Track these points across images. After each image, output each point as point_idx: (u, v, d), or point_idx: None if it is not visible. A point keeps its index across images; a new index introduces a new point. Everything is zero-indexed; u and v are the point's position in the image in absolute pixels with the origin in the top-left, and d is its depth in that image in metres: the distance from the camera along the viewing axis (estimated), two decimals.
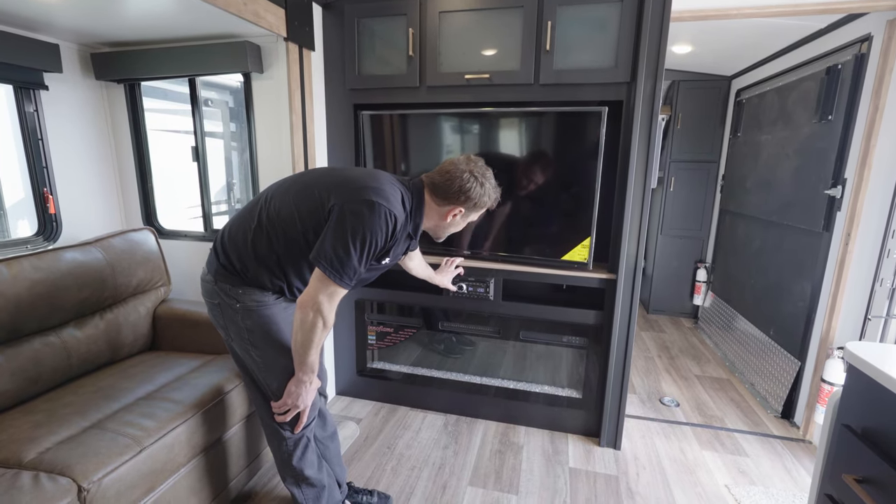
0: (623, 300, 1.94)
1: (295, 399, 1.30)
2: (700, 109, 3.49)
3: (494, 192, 1.38)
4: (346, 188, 1.22)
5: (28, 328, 1.53)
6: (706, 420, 2.32)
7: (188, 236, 2.25)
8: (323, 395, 1.58)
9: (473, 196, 1.31)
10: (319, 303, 1.17)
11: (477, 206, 1.35)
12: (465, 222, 1.41)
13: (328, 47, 2.11)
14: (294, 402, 1.30)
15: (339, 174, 1.30)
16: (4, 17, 1.61)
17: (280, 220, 1.25)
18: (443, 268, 1.96)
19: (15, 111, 1.87)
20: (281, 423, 1.37)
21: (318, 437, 1.54)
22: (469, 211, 1.36)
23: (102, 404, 1.44)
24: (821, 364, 2.07)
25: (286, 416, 1.34)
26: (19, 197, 2.15)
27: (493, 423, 2.25)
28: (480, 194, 1.33)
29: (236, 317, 1.30)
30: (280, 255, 1.27)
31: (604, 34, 1.83)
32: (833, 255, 2.07)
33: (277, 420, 1.35)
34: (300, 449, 1.42)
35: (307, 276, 1.28)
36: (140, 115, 2.19)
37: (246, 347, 1.33)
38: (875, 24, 1.89)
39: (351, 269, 1.16)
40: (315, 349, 1.22)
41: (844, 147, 2.03)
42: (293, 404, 1.31)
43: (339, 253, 1.15)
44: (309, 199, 1.24)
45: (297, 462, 1.42)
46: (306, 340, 1.20)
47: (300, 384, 1.28)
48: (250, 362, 1.36)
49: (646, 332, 3.51)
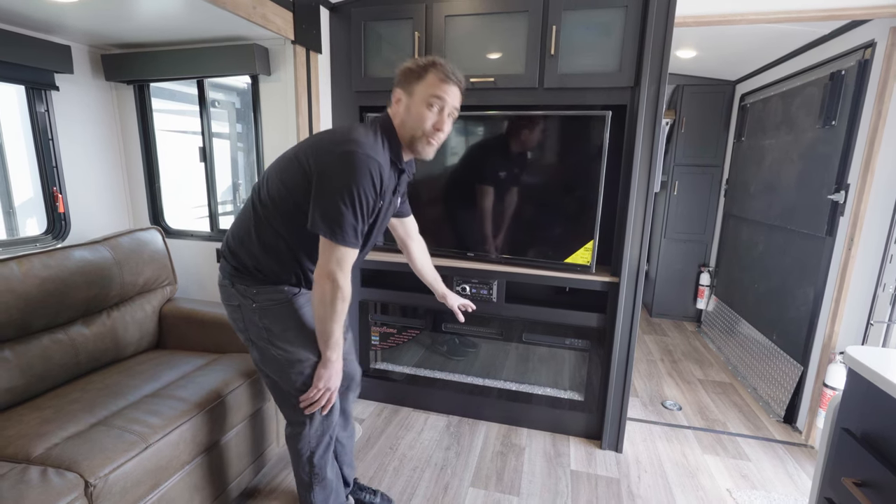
0: (626, 303, 1.95)
1: (326, 382, 1.27)
2: (704, 114, 3.49)
3: (437, 59, 1.22)
4: (324, 147, 1.18)
5: (37, 325, 1.55)
6: (708, 424, 2.32)
7: (194, 236, 2.27)
8: (351, 392, 1.60)
9: (407, 69, 1.22)
10: (331, 271, 1.14)
11: (416, 72, 1.20)
12: (424, 100, 1.20)
13: (335, 50, 2.13)
14: (326, 385, 1.27)
15: (316, 136, 1.27)
16: (18, 18, 1.64)
17: (272, 201, 1.23)
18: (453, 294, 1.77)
19: (26, 111, 1.90)
20: (301, 419, 1.35)
21: (338, 435, 1.55)
22: (411, 83, 1.21)
23: (109, 401, 1.46)
24: (823, 369, 2.07)
25: (317, 404, 1.29)
26: (28, 196, 2.18)
27: (496, 424, 2.26)
28: (418, 62, 1.21)
29: (254, 317, 1.30)
30: (286, 238, 1.24)
31: (608, 39, 1.85)
32: (836, 260, 2.07)
33: (308, 411, 1.31)
34: (322, 447, 1.41)
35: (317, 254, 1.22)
36: (149, 116, 2.22)
37: (267, 347, 1.31)
38: (878, 30, 1.90)
39: (349, 226, 1.12)
40: (337, 322, 1.19)
41: (848, 152, 2.04)
42: (325, 387, 1.28)
43: (332, 214, 1.11)
44: (291, 169, 1.21)
45: (318, 459, 1.41)
46: (326, 315, 1.18)
47: (329, 365, 1.25)
48: (272, 363, 1.32)
49: (648, 336, 3.51)
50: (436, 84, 1.19)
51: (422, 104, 1.20)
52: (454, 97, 1.21)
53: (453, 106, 1.23)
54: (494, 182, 2.09)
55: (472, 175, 2.11)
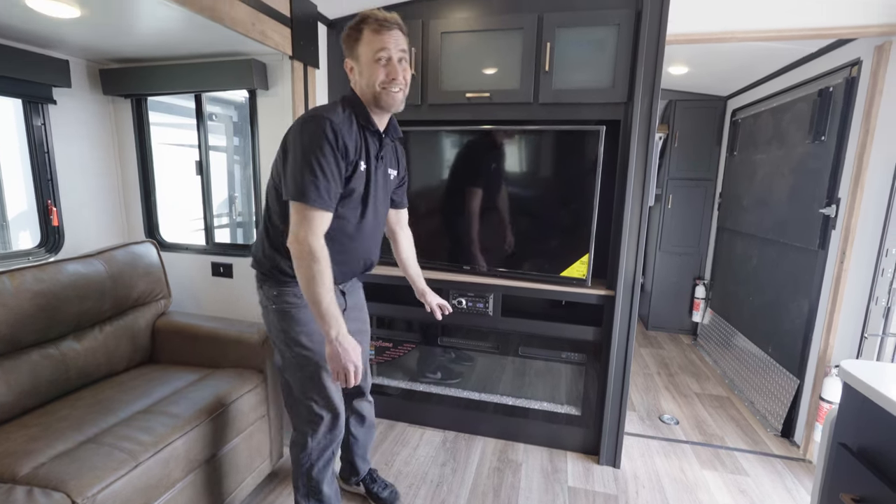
0: (622, 316, 1.95)
1: (336, 363, 1.18)
2: (697, 128, 3.55)
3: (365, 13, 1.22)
4: (291, 128, 1.23)
5: (27, 340, 1.52)
6: (706, 438, 2.30)
7: (189, 249, 2.26)
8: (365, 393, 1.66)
9: (344, 35, 1.24)
10: (298, 234, 1.15)
11: (352, 36, 1.22)
12: (370, 59, 1.20)
13: (332, 65, 2.15)
14: (343, 363, 1.18)
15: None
16: (17, 34, 1.65)
17: (268, 197, 1.33)
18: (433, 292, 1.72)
19: (23, 124, 1.90)
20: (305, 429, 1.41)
21: (354, 432, 1.65)
22: (354, 49, 1.23)
23: (99, 418, 1.43)
24: (819, 382, 2.08)
25: (347, 380, 1.19)
26: (22, 209, 2.16)
27: (492, 440, 2.24)
28: (343, 33, 1.24)
29: (274, 318, 1.36)
30: (283, 231, 1.24)
31: (601, 55, 1.88)
32: (829, 273, 2.09)
33: (344, 387, 1.23)
34: (322, 462, 1.44)
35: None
36: (146, 129, 2.22)
37: (283, 349, 1.38)
38: (864, 49, 1.94)
39: (312, 185, 1.13)
40: (320, 288, 1.14)
41: (838, 167, 2.07)
42: (343, 365, 1.18)
43: (295, 175, 1.15)
44: (276, 161, 1.29)
45: (316, 474, 1.44)
46: (307, 282, 1.15)
47: (331, 343, 1.17)
48: (285, 365, 1.40)
49: (645, 349, 3.50)
50: (374, 38, 1.18)
51: (370, 63, 1.20)
52: (396, 41, 1.20)
53: (400, 49, 1.21)
54: (490, 195, 2.10)
55: (468, 188, 2.12)
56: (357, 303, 1.58)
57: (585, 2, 1.86)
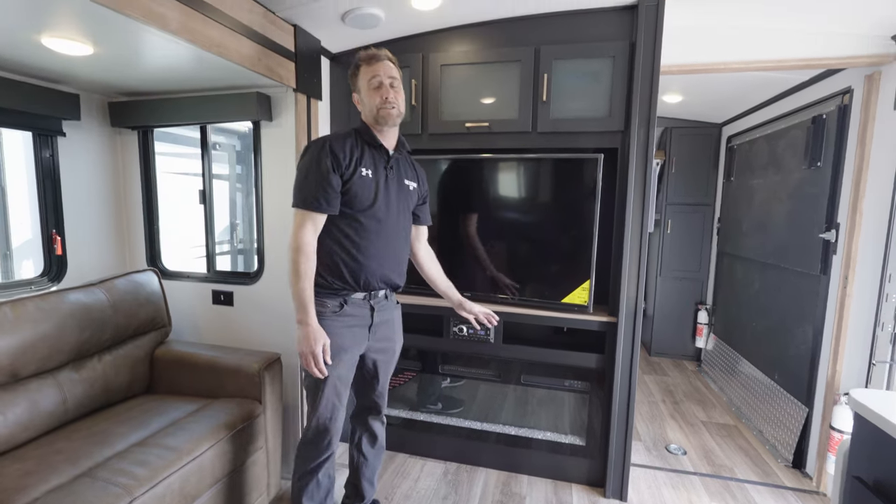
0: (624, 343, 1.93)
1: (301, 344, 1.35)
2: (693, 154, 3.60)
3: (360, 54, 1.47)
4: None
5: (26, 371, 1.51)
6: (714, 469, 2.24)
7: (190, 277, 2.26)
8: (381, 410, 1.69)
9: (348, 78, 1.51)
10: (293, 231, 1.36)
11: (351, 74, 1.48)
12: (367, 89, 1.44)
13: (335, 96, 2.21)
14: (302, 348, 1.35)
15: None
16: (32, 70, 1.70)
17: None
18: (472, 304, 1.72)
19: (31, 156, 1.94)
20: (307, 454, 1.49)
21: (364, 452, 1.69)
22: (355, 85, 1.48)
23: (95, 451, 1.41)
24: (829, 410, 2.03)
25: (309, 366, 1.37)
26: (26, 238, 2.18)
27: (494, 471, 2.18)
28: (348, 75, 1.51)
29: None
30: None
31: (597, 86, 1.93)
32: (833, 298, 2.08)
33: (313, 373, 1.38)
34: (306, 472, 1.50)
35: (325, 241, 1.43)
36: (151, 160, 2.26)
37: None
38: (854, 77, 1.99)
39: (303, 192, 1.35)
40: (296, 276, 1.34)
41: (835, 192, 2.09)
42: (302, 351, 1.35)
43: (295, 188, 1.39)
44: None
45: (298, 481, 1.51)
46: (291, 269, 1.35)
47: (298, 325, 1.35)
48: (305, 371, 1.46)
49: (648, 376, 3.45)
50: (367, 69, 1.43)
51: (367, 90, 1.43)
52: (386, 70, 1.43)
53: (390, 77, 1.43)
54: (490, 223, 2.11)
55: (468, 216, 2.14)
56: (387, 322, 1.60)
57: (581, 35, 1.92)
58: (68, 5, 1.17)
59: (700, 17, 1.94)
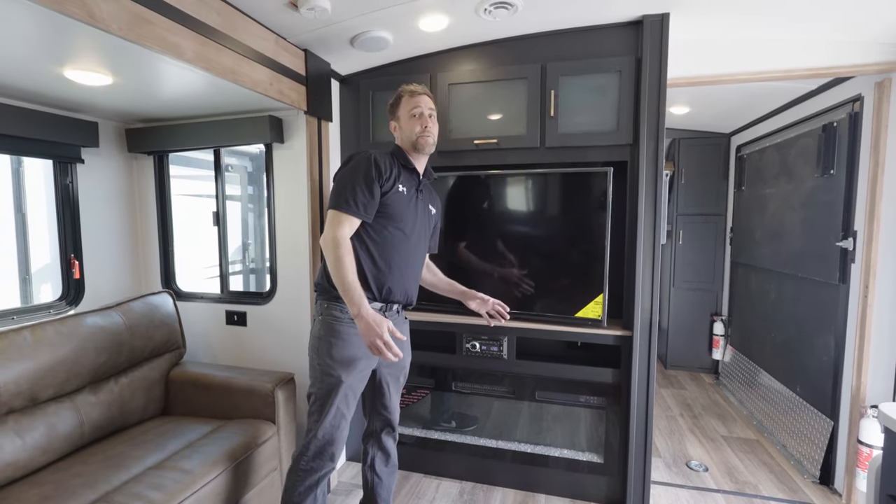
0: (640, 357, 1.90)
1: (367, 334, 1.29)
2: (702, 165, 3.58)
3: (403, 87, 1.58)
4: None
5: (45, 395, 1.53)
6: (738, 486, 2.18)
7: (204, 298, 2.28)
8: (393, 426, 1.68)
9: (388, 110, 1.61)
10: (328, 230, 1.40)
11: (394, 103, 1.58)
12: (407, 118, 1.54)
13: (344, 117, 2.25)
14: (371, 338, 1.29)
15: None
16: (53, 100, 1.76)
17: None
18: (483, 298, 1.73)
19: (51, 183, 1.99)
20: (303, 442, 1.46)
21: (378, 472, 1.67)
22: (395, 113, 1.58)
23: (111, 475, 1.41)
24: (855, 424, 1.97)
25: (382, 353, 1.29)
26: (45, 262, 2.23)
27: (511, 490, 2.13)
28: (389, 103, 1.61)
29: (317, 327, 1.48)
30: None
31: (605, 100, 1.94)
32: (853, 308, 2.03)
33: (389, 359, 1.30)
34: (304, 486, 1.45)
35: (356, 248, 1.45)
36: (166, 184, 2.31)
37: (312, 356, 1.48)
38: (864, 85, 1.98)
39: (344, 196, 1.40)
40: (343, 269, 1.34)
41: (850, 200, 2.06)
42: (371, 340, 1.29)
43: (335, 191, 1.44)
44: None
45: (297, 497, 1.45)
46: (334, 265, 1.36)
47: (358, 318, 1.32)
48: (311, 375, 1.48)
49: (665, 389, 3.38)
50: (409, 101, 1.55)
51: (408, 119, 1.54)
52: (426, 103, 1.55)
53: (430, 108, 1.56)
54: (502, 238, 2.11)
55: (480, 231, 2.14)
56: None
57: (587, 51, 1.94)
58: (91, 39, 1.21)
59: (704, 30, 1.96)
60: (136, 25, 1.21)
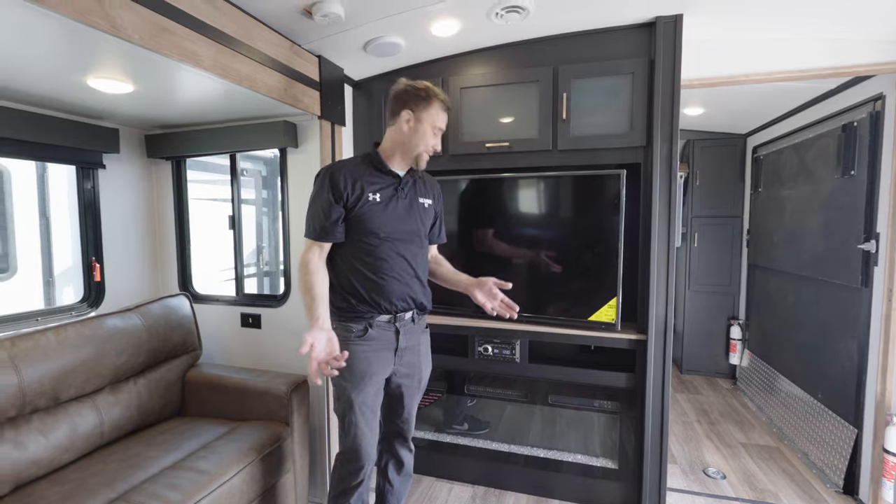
0: (655, 361, 1.88)
1: (306, 346, 1.30)
2: (718, 166, 3.53)
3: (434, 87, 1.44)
4: None
5: (67, 395, 1.57)
6: (758, 495, 2.13)
7: (220, 300, 2.32)
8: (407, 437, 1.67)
9: (412, 90, 1.42)
10: (301, 255, 1.45)
11: (423, 98, 1.41)
12: (430, 127, 1.42)
13: (357, 122, 2.27)
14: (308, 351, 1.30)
15: None
16: (76, 108, 1.82)
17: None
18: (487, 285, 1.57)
19: (74, 188, 2.05)
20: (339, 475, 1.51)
21: (391, 478, 1.67)
22: (419, 109, 1.41)
23: (130, 474, 1.44)
24: (880, 431, 1.92)
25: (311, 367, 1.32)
26: (67, 265, 2.29)
27: (524, 496, 2.12)
28: (419, 87, 1.42)
29: None
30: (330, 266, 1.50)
31: (617, 102, 1.93)
32: (877, 312, 1.98)
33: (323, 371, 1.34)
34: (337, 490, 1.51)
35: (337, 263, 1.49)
36: (184, 188, 2.36)
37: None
38: (886, 84, 1.94)
39: (307, 221, 1.45)
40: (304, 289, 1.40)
41: (872, 201, 2.01)
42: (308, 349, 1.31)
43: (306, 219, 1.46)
44: None
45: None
46: (300, 288, 1.43)
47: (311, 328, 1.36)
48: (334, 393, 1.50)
49: (681, 394, 3.33)
50: (439, 115, 1.44)
51: (428, 130, 1.43)
52: (447, 121, 1.49)
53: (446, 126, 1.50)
54: (514, 240, 2.11)
55: (492, 234, 2.14)
56: (413, 347, 1.56)
57: (599, 53, 1.93)
58: (113, 48, 1.25)
59: (718, 31, 1.93)
60: (156, 34, 1.24)
